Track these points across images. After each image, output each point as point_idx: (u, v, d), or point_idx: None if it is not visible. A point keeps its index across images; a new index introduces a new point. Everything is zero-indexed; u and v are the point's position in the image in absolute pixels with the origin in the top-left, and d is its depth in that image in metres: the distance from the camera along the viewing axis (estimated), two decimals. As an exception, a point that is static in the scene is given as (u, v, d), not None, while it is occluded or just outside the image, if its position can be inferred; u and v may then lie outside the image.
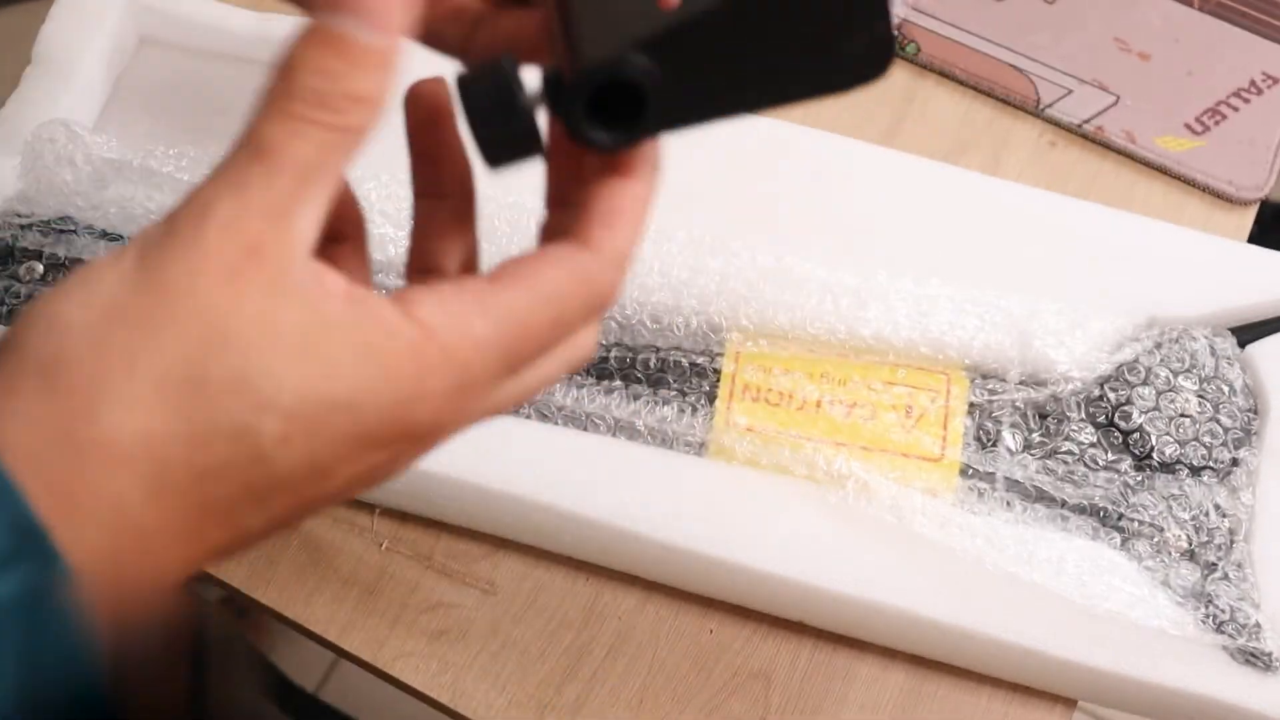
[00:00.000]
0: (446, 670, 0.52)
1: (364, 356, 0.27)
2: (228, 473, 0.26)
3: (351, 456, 0.28)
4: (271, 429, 0.26)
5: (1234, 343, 0.55)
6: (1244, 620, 0.50)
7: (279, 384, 0.26)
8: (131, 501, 0.26)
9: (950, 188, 0.59)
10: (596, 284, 0.30)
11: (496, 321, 0.28)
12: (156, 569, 0.27)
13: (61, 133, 0.57)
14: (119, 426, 0.26)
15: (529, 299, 0.29)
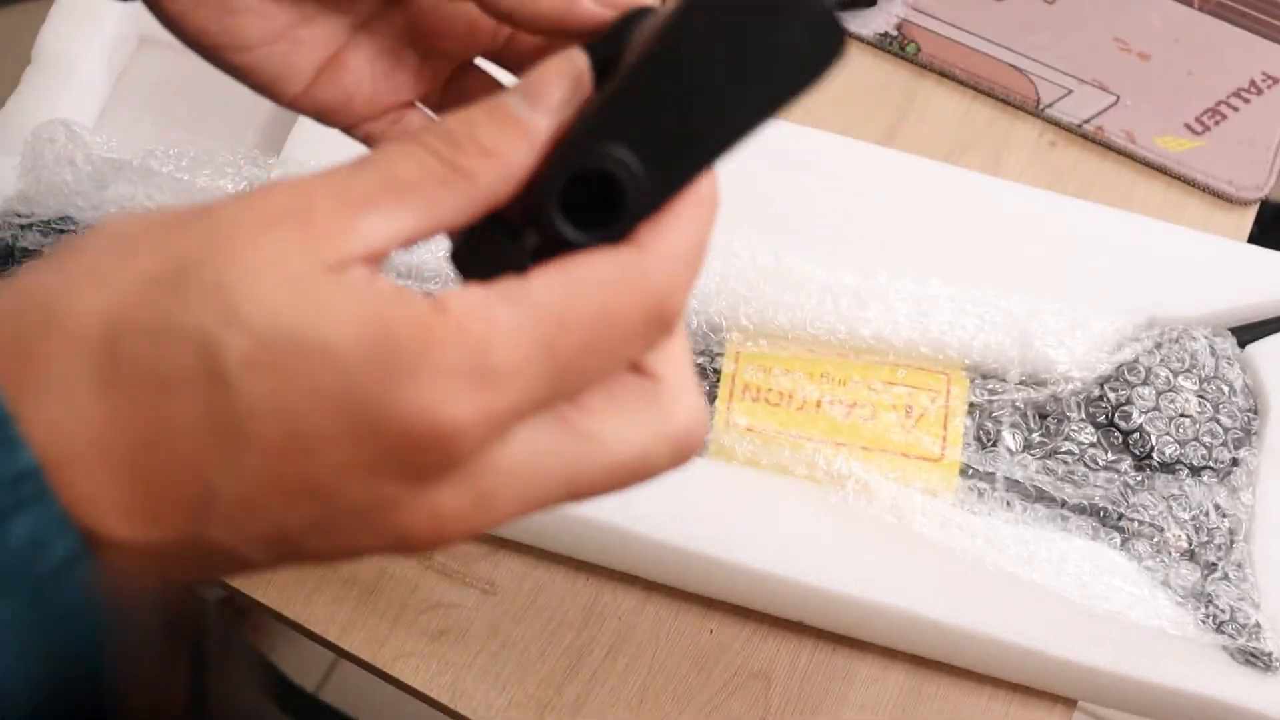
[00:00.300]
0: (446, 670, 0.52)
1: (363, 314, 0.23)
2: (183, 387, 0.24)
3: (334, 431, 0.24)
4: (237, 345, 0.23)
5: (1234, 343, 0.55)
6: (1244, 620, 0.50)
7: (257, 304, 0.23)
8: (81, 385, 0.24)
9: (950, 188, 0.59)
10: (649, 278, 0.26)
11: (528, 310, 0.24)
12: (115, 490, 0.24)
13: (62, 132, 0.57)
14: (85, 305, 0.24)
15: (566, 289, 0.25)
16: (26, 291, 0.24)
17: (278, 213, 0.24)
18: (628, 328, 0.26)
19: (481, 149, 0.26)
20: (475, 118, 0.26)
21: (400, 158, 0.25)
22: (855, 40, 0.67)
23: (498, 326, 0.24)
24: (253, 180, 0.56)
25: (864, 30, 0.67)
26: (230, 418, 0.23)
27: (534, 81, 0.27)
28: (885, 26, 0.67)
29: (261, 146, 0.60)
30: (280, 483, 0.24)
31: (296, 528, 0.25)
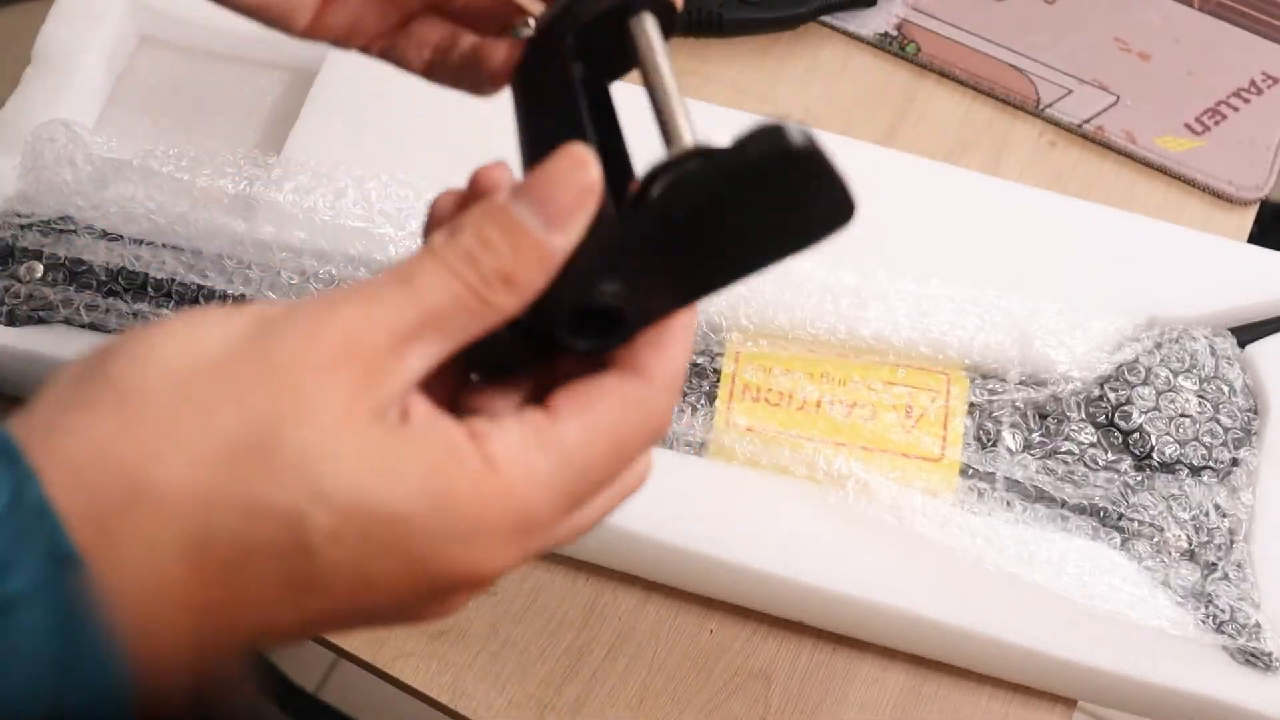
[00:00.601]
0: (446, 670, 0.52)
1: (428, 477, 0.27)
2: (270, 556, 0.26)
3: (396, 579, 0.27)
4: (323, 522, 0.26)
5: (1234, 343, 0.55)
6: (1244, 620, 0.50)
7: (341, 479, 0.26)
8: (167, 553, 0.25)
9: (950, 188, 0.59)
10: (653, 412, 0.30)
11: (558, 459, 0.28)
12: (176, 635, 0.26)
13: (62, 132, 0.57)
14: (177, 476, 0.25)
15: (588, 434, 0.28)
16: (103, 456, 0.25)
17: (335, 357, 0.26)
18: (634, 452, 0.30)
19: (505, 279, 0.28)
20: (497, 242, 0.28)
21: (438, 286, 0.27)
22: (855, 40, 0.67)
23: (538, 481, 0.28)
24: (252, 180, 0.56)
25: (864, 30, 0.67)
26: (307, 579, 0.26)
27: (554, 201, 0.28)
28: (885, 26, 0.67)
29: (261, 146, 0.60)
30: (337, 612, 0.27)
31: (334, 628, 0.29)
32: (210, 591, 0.26)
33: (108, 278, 0.55)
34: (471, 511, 0.27)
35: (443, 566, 0.27)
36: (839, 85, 0.66)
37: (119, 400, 0.26)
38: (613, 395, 0.29)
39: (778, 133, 0.27)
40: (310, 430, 0.26)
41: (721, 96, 0.64)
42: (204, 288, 0.55)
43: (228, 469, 0.26)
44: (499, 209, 0.28)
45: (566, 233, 0.28)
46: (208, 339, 0.27)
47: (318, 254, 0.55)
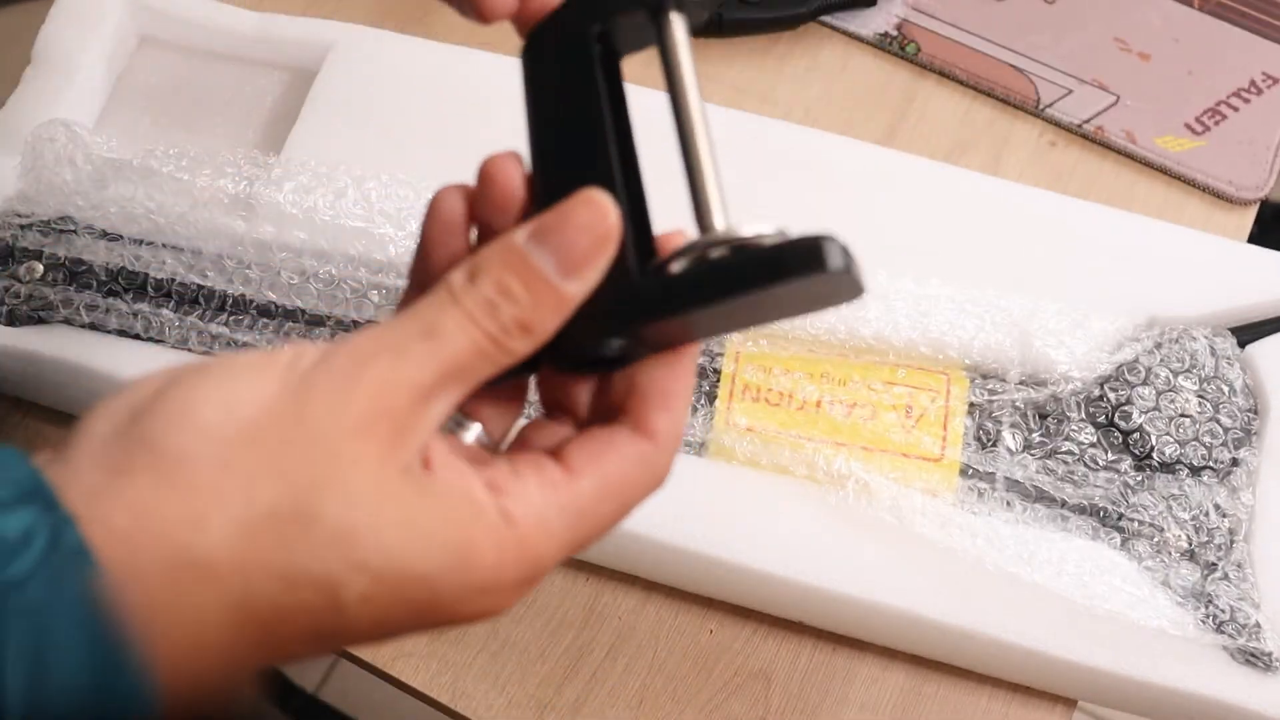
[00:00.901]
0: (446, 670, 0.52)
1: (452, 533, 0.28)
2: (305, 616, 0.27)
3: (413, 624, 0.29)
4: (359, 587, 0.27)
5: (1234, 343, 0.55)
6: (1244, 620, 0.50)
7: (376, 548, 0.27)
8: (210, 623, 0.27)
9: (950, 188, 0.59)
10: (656, 469, 0.31)
11: (571, 516, 0.30)
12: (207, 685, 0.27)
13: (61, 132, 0.57)
14: (220, 544, 0.26)
15: (599, 492, 0.30)
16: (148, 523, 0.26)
17: (367, 420, 0.28)
18: (637, 504, 0.32)
19: (523, 328, 0.29)
20: (516, 291, 0.29)
21: (458, 335, 0.28)
22: (855, 40, 0.67)
23: (550, 536, 0.29)
24: (252, 180, 0.56)
25: (864, 30, 0.67)
26: (334, 631, 0.28)
27: (572, 249, 0.29)
28: (885, 27, 0.67)
29: (261, 146, 0.60)
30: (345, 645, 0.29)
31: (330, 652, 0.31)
32: (245, 647, 0.27)
33: (108, 278, 0.55)
34: (489, 567, 0.29)
35: (455, 613, 0.29)
36: (839, 85, 0.66)
37: (160, 466, 0.27)
38: (624, 456, 0.31)
39: (817, 253, 0.28)
40: (346, 498, 0.27)
41: (721, 96, 0.64)
42: (204, 288, 0.55)
43: (269, 537, 0.27)
44: (519, 256, 0.29)
45: (583, 281, 0.29)
46: (242, 398, 0.27)
47: (318, 254, 0.55)
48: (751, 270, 0.28)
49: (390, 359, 0.28)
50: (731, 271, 0.29)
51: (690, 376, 0.32)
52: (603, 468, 0.30)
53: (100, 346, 0.53)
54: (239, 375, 0.28)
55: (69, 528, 0.25)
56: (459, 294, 0.29)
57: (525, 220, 0.30)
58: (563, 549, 0.30)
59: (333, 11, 0.65)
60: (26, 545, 0.25)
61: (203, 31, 0.63)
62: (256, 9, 0.63)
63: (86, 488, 0.26)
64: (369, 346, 0.28)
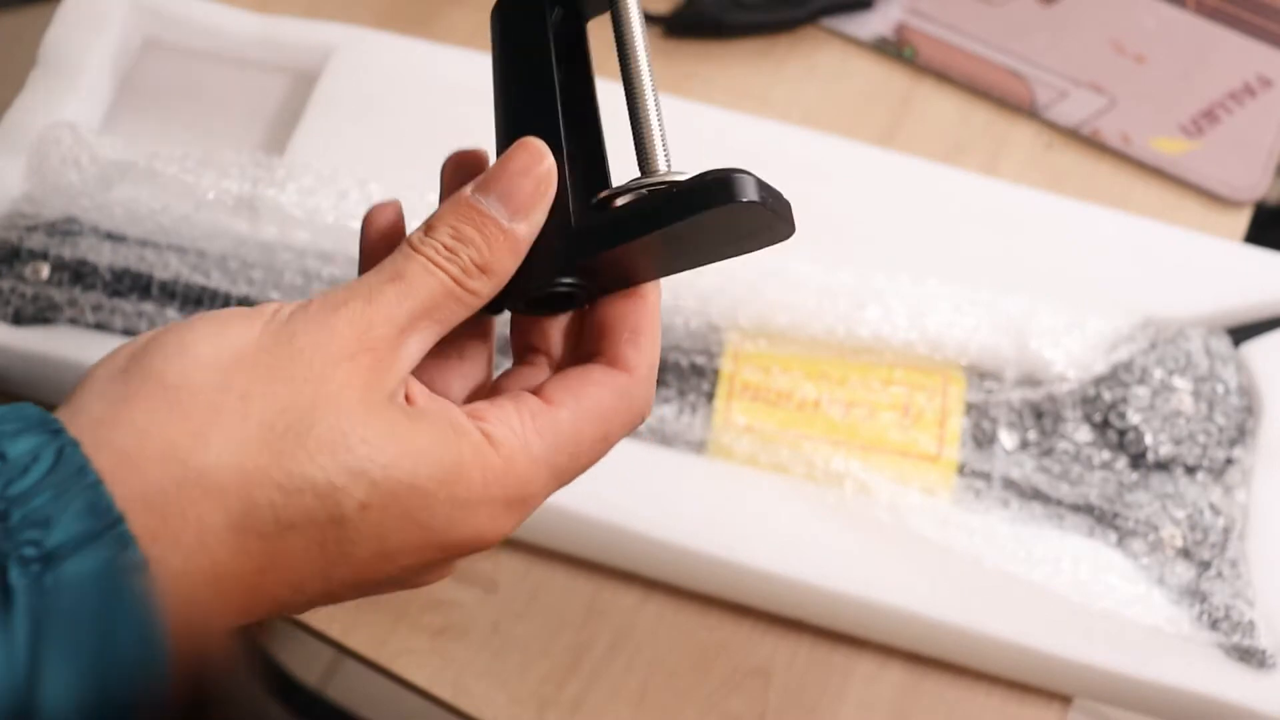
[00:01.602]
0: (448, 667, 0.53)
1: (441, 452, 0.29)
2: (308, 527, 0.28)
3: (411, 548, 0.30)
4: (357, 493, 0.28)
5: (1229, 342, 0.56)
6: (1238, 618, 0.50)
7: (373, 453, 0.28)
8: (215, 533, 0.27)
9: (948, 189, 0.59)
10: (635, 400, 0.33)
11: (553, 440, 0.31)
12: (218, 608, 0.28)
13: (67, 134, 0.57)
14: (222, 458, 0.27)
15: (580, 420, 0.32)
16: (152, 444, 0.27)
17: (350, 350, 0.29)
18: (618, 436, 0.33)
19: (482, 268, 0.31)
20: (471, 235, 0.31)
21: (424, 276, 0.30)
22: (853, 43, 0.68)
23: (534, 460, 0.31)
24: (256, 182, 0.56)
25: (862, 33, 0.67)
26: (338, 547, 0.29)
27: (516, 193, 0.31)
28: (883, 30, 0.68)
29: (265, 148, 0.61)
30: (360, 580, 0.30)
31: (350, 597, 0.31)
32: (251, 566, 0.28)
33: (112, 278, 0.55)
34: (477, 483, 0.30)
35: (452, 534, 0.30)
36: (837, 88, 0.66)
37: (162, 392, 0.28)
38: (600, 386, 0.32)
39: (728, 185, 0.31)
40: (337, 413, 0.28)
41: (720, 99, 0.65)
42: (208, 289, 0.55)
43: (267, 450, 0.28)
44: (468, 204, 0.31)
45: (530, 220, 0.31)
46: (234, 334, 0.29)
47: (321, 255, 0.56)
48: (673, 204, 0.31)
49: (363, 302, 0.30)
50: (657, 206, 0.31)
51: (654, 312, 0.34)
52: (580, 398, 0.32)
53: (105, 347, 0.54)
54: (227, 320, 0.29)
55: (73, 448, 0.26)
56: (418, 245, 0.31)
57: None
58: (549, 474, 0.31)
59: (335, 14, 0.65)
60: (34, 462, 0.26)
61: (207, 34, 0.63)
62: (260, 12, 0.64)
63: (90, 417, 0.28)
64: (341, 294, 0.30)
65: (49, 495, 0.26)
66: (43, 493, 0.26)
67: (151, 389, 0.28)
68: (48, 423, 0.27)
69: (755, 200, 0.31)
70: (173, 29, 0.64)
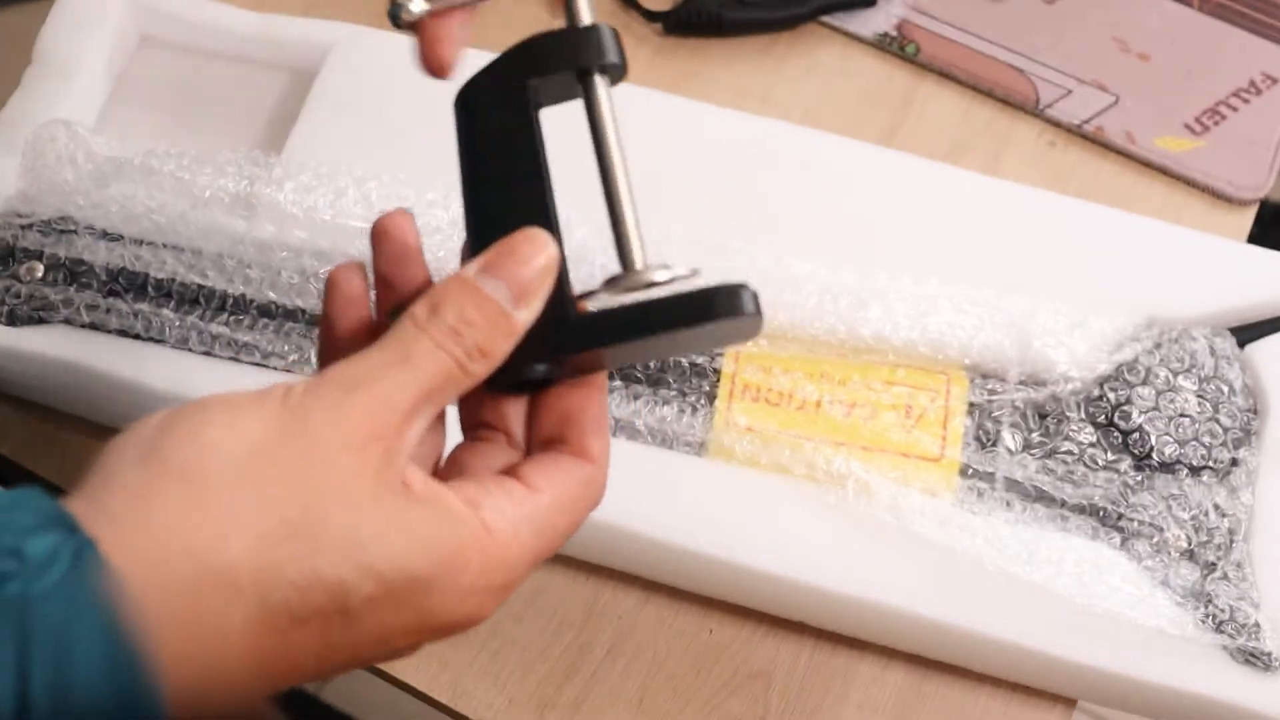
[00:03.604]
0: (447, 670, 0.52)
1: (443, 538, 0.31)
2: (317, 621, 0.29)
3: (408, 631, 0.31)
4: (366, 589, 0.29)
5: (1233, 343, 0.55)
6: (1243, 620, 0.50)
7: (382, 548, 0.30)
8: (232, 635, 0.28)
9: (950, 188, 0.59)
10: (598, 487, 0.35)
11: (537, 527, 0.33)
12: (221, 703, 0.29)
13: (62, 132, 0.57)
14: (241, 557, 0.28)
15: (556, 507, 0.34)
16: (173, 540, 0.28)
17: (362, 439, 0.30)
18: (583, 519, 0.35)
19: (482, 352, 0.32)
20: (475, 319, 0.32)
21: (430, 360, 0.32)
22: (855, 40, 0.67)
23: (522, 546, 0.32)
24: (253, 180, 0.56)
25: (864, 31, 0.67)
26: (342, 635, 0.30)
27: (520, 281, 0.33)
28: (885, 27, 0.67)
29: (262, 146, 0.61)
30: (350, 661, 0.31)
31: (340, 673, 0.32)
32: (261, 656, 0.29)
33: (108, 278, 0.55)
34: (476, 570, 0.31)
35: (446, 618, 0.31)
36: (838, 85, 0.66)
37: (176, 486, 0.29)
38: (570, 475, 0.34)
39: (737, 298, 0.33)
40: (348, 508, 0.29)
41: (721, 97, 0.64)
42: (204, 287, 0.55)
43: (282, 547, 0.29)
44: (474, 288, 0.32)
45: (530, 309, 0.33)
46: (249, 422, 0.30)
47: (318, 254, 0.55)
48: (681, 310, 0.33)
49: (375, 385, 0.31)
50: (663, 310, 0.33)
51: (606, 400, 0.36)
52: (556, 486, 0.34)
53: (101, 347, 0.53)
54: (239, 403, 0.30)
55: (90, 548, 0.27)
56: (424, 325, 0.32)
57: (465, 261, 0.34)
58: (532, 558, 0.33)
59: (333, 12, 0.65)
60: (52, 564, 0.26)
61: (203, 32, 0.63)
62: (257, 9, 0.63)
63: (108, 514, 0.28)
64: (352, 374, 0.31)
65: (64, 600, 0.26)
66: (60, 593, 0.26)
67: (166, 483, 0.29)
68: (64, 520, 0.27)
69: (757, 313, 0.33)
70: (169, 26, 0.64)
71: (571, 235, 0.54)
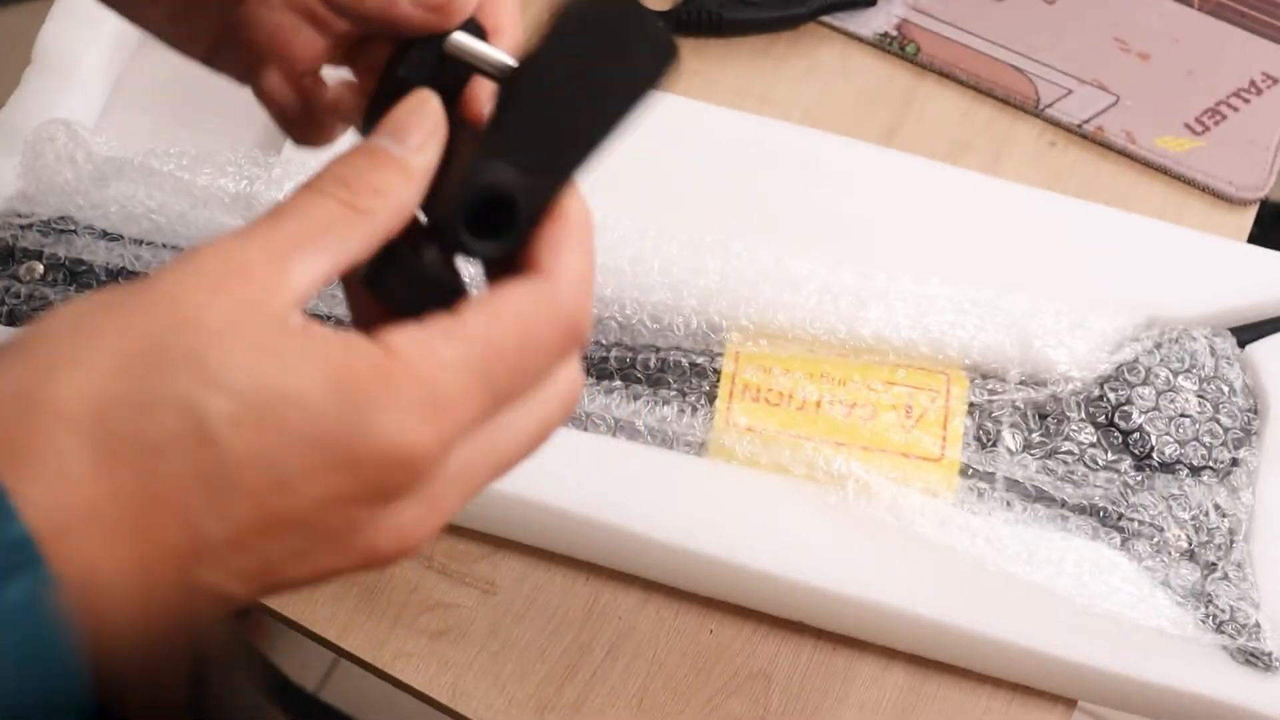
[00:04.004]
0: (446, 670, 0.52)
1: (323, 360, 0.27)
2: (175, 450, 0.26)
3: (312, 469, 0.27)
4: (220, 407, 0.26)
5: (1234, 343, 0.55)
6: (1244, 620, 0.50)
7: (233, 366, 0.26)
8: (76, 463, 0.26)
9: (950, 188, 0.59)
10: (558, 304, 0.30)
11: (463, 343, 0.28)
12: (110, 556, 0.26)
13: (62, 132, 0.57)
14: (70, 388, 0.26)
15: (493, 321, 0.29)
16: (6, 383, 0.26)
17: (219, 275, 0.27)
18: (548, 346, 0.30)
19: (373, 190, 0.29)
20: (359, 163, 0.30)
21: (309, 206, 0.29)
22: (855, 40, 0.67)
23: (442, 362, 0.28)
24: (253, 180, 0.56)
25: (864, 30, 0.67)
26: (219, 471, 0.26)
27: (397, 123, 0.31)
28: (885, 27, 0.67)
29: (262, 145, 0.60)
30: (265, 521, 0.27)
31: (279, 559, 0.27)
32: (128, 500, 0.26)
33: (108, 278, 0.55)
34: (369, 385, 0.27)
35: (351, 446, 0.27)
36: (839, 85, 0.66)
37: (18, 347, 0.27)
38: (514, 290, 0.29)
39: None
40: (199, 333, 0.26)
41: (721, 97, 0.64)
42: (204, 288, 0.55)
43: (121, 375, 0.26)
44: (356, 146, 0.30)
45: (423, 150, 0.30)
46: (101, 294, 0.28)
47: (318, 254, 0.55)
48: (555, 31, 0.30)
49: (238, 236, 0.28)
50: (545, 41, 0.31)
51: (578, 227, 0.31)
52: (492, 303, 0.29)
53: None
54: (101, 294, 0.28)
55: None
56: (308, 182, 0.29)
57: None
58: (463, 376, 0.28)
59: (333, 11, 0.65)
60: None
61: (203, 31, 0.63)
62: (257, 9, 0.63)
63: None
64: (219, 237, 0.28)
65: None
66: None
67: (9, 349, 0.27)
68: None
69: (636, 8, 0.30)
70: (169, 26, 0.63)
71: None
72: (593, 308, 0.31)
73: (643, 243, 0.55)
